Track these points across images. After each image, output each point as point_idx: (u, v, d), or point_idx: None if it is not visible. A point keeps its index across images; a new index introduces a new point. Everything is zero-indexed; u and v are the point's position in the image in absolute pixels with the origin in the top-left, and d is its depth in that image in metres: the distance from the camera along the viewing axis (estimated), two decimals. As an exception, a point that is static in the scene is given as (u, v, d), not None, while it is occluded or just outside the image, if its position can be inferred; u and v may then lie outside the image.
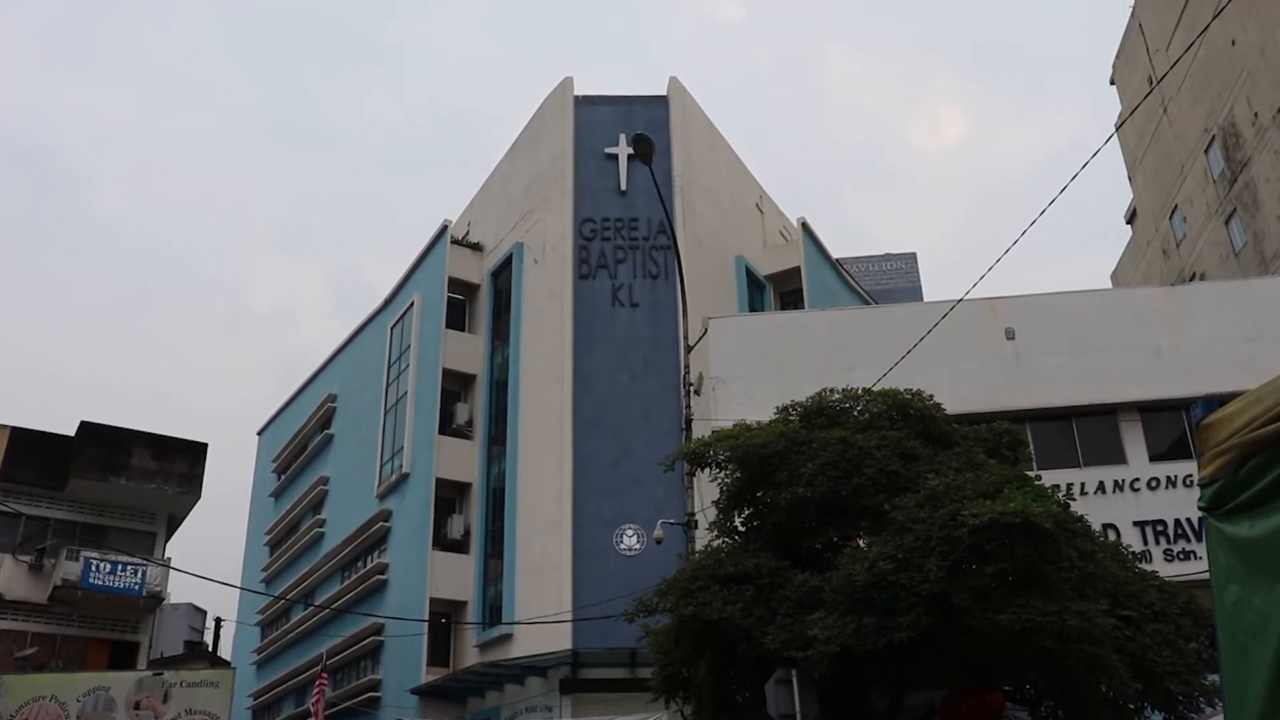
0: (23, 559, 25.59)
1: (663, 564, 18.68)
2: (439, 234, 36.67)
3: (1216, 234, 37.46)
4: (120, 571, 25.21)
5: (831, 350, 23.65)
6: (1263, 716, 2.95)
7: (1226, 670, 3.14)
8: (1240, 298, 25.14)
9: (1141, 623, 14.18)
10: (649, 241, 31.75)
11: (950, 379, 20.05)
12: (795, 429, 15.48)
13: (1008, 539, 12.21)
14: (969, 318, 22.79)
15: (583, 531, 28.15)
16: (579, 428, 29.41)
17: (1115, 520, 22.20)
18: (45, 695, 20.42)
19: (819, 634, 12.66)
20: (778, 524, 15.16)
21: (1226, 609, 3.13)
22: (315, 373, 47.39)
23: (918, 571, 12.54)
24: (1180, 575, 18.73)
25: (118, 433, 27.34)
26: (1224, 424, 3.22)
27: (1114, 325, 24.50)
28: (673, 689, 16.35)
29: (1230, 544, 3.14)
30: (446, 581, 31.50)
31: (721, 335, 24.95)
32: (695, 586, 14.17)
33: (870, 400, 16.46)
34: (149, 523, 27.90)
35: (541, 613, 25.71)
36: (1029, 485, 13.67)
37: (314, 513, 42.64)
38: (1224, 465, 3.17)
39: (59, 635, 25.72)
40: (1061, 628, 12.47)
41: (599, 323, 30.85)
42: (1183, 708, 14.23)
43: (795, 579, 13.89)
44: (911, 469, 14.51)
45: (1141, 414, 23.90)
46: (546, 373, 30.85)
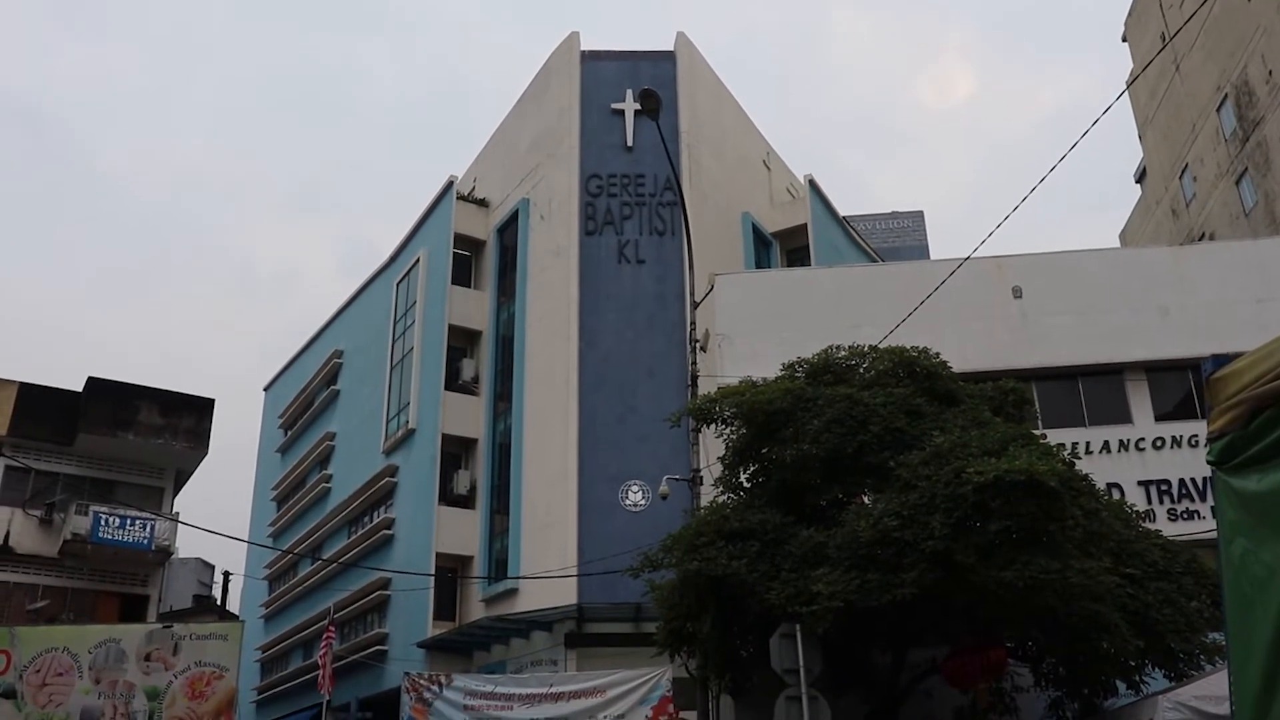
0: (33, 513, 25.77)
1: (668, 520, 18.76)
2: (444, 190, 36.51)
3: (1227, 194, 37.22)
4: (129, 526, 25.38)
5: (838, 307, 23.61)
6: (1267, 667, 2.97)
7: (1232, 622, 3.15)
8: (1250, 258, 25.01)
9: (1144, 581, 14.27)
10: (655, 198, 31.62)
11: (957, 337, 20.03)
12: (801, 386, 15.50)
13: (1012, 497, 12.26)
14: (976, 276, 22.71)
15: (588, 487, 28.25)
16: (584, 384, 29.43)
17: (1120, 479, 22.25)
18: (57, 647, 20.61)
19: (823, 589, 12.74)
20: (783, 480, 15.22)
21: (1233, 562, 3.14)
22: (321, 329, 47.41)
23: (922, 528, 12.60)
24: (1183, 534, 18.80)
25: (125, 388, 27.41)
26: (1234, 379, 3.21)
27: (1122, 285, 24.42)
28: (677, 643, 16.49)
29: (1238, 497, 3.15)
30: (452, 536, 31.68)
31: (727, 292, 24.91)
32: (700, 542, 14.25)
33: (876, 357, 16.48)
34: (157, 478, 28.04)
35: (547, 568, 25.88)
36: (1034, 444, 13.69)
37: (321, 468, 42.82)
38: (1233, 419, 3.17)
39: (69, 588, 25.95)
40: (1064, 585, 12.54)
41: (605, 279, 30.78)
42: (1183, 665, 14.34)
43: (800, 535, 13.97)
44: (917, 426, 14.55)
45: (1148, 374, 23.86)
46: (552, 329, 30.83)
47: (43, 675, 20.28)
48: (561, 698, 20.15)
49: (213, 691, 20.44)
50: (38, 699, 20.08)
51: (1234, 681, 3.15)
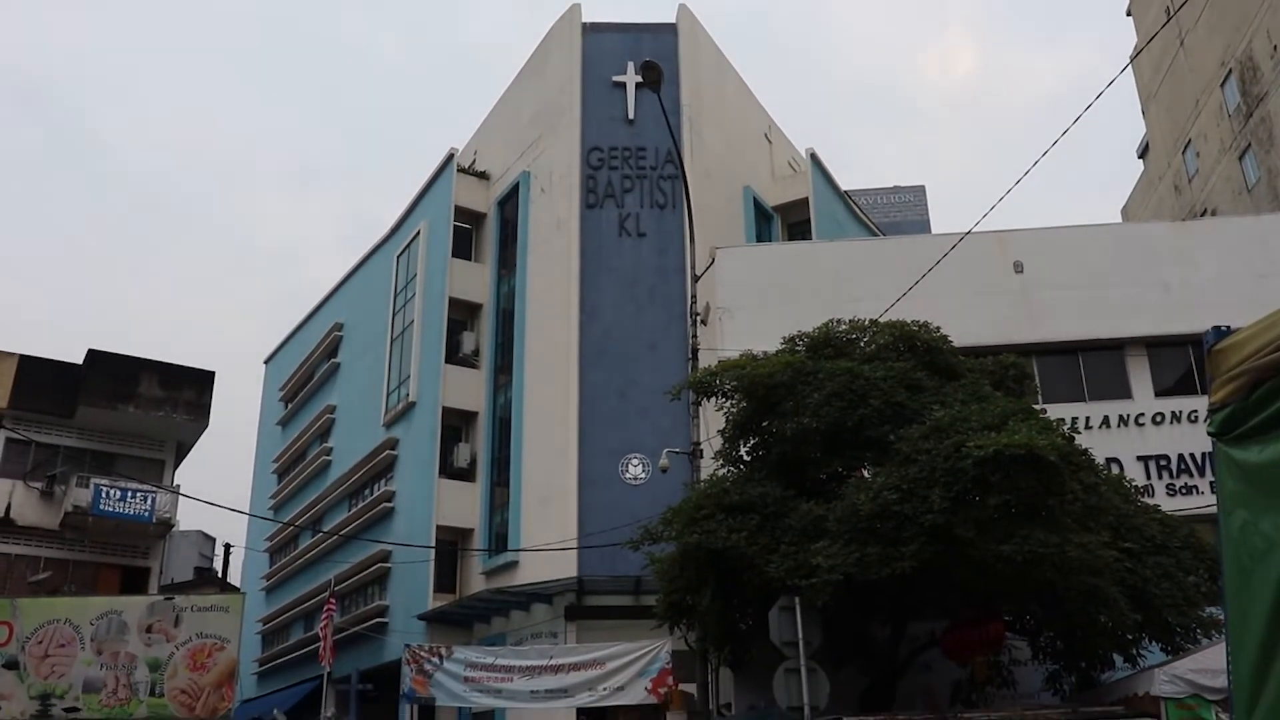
0: (34, 485, 25.81)
1: (668, 493, 18.79)
2: (445, 162, 36.40)
3: (1230, 169, 37.10)
4: (130, 498, 25.43)
5: (839, 281, 23.58)
6: (1265, 639, 2.98)
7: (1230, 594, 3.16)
8: (1251, 234, 24.97)
9: (1142, 555, 14.32)
10: (656, 171, 31.52)
11: (958, 311, 19.98)
12: (801, 359, 15.49)
13: (1012, 471, 12.27)
14: (977, 250, 22.67)
15: (588, 460, 28.30)
16: (585, 357, 29.43)
17: (1119, 454, 22.30)
18: (59, 619, 20.70)
19: (823, 563, 12.77)
20: (783, 454, 15.24)
21: (1232, 534, 3.14)
22: (322, 302, 47.38)
23: (921, 502, 12.62)
24: (1182, 509, 18.83)
25: (126, 361, 27.40)
26: (1235, 349, 3.20)
27: (1123, 260, 24.38)
28: (677, 616, 16.56)
29: (1239, 469, 3.14)
30: (453, 509, 31.76)
31: (728, 265, 24.86)
32: (700, 515, 14.27)
33: (877, 331, 16.46)
34: (158, 450, 28.08)
35: (547, 541, 25.96)
36: (1034, 418, 13.69)
37: (321, 441, 42.89)
38: (1235, 390, 3.16)
39: (71, 560, 26.02)
40: (1063, 559, 12.57)
41: (605, 252, 30.73)
42: (1180, 639, 14.41)
43: (800, 508, 13.99)
44: (917, 400, 14.55)
45: (1148, 349, 23.87)
46: (553, 302, 30.81)
47: (45, 646, 20.38)
48: (561, 670, 20.22)
49: (214, 663, 20.54)
50: (40, 670, 20.19)
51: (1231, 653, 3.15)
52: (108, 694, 20.13)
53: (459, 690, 20.91)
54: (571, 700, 20.76)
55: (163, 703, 20.09)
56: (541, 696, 20.52)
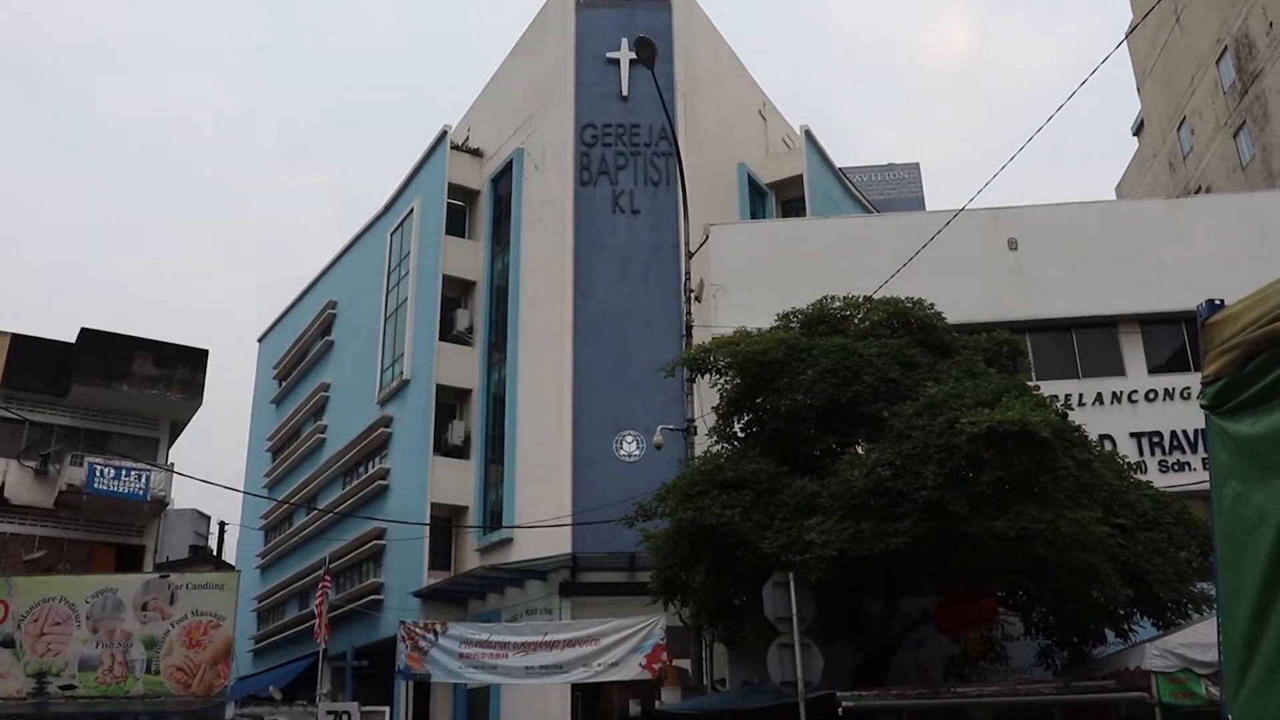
0: (28, 464, 25.80)
1: (662, 470, 18.83)
2: (438, 139, 36.28)
3: (1225, 147, 37.06)
4: (124, 477, 25.43)
5: (833, 258, 23.54)
6: (1256, 610, 3.00)
7: (1222, 566, 3.18)
8: (1246, 211, 24.96)
9: (1134, 531, 14.38)
10: (650, 148, 31.43)
11: (952, 288, 19.95)
12: (795, 336, 15.50)
13: (1005, 447, 12.30)
14: (972, 228, 22.65)
15: (583, 438, 28.34)
16: (579, 334, 29.43)
17: (1112, 431, 22.35)
18: (54, 597, 20.73)
19: (816, 539, 12.81)
20: (777, 430, 15.26)
21: (1225, 506, 3.15)
22: (315, 279, 47.26)
23: (915, 478, 12.65)
24: (1174, 486, 18.89)
25: (119, 339, 27.34)
26: (1229, 322, 3.21)
27: (1117, 237, 24.37)
28: (671, 592, 16.61)
29: (1231, 441, 3.16)
30: (447, 487, 31.80)
31: (723, 242, 24.82)
32: (694, 491, 14.31)
33: (871, 308, 16.47)
34: (151, 428, 28.06)
35: (541, 518, 26.00)
36: (1027, 395, 13.72)
37: (315, 419, 42.88)
38: (1228, 363, 3.17)
39: (66, 539, 26.04)
40: (1055, 535, 12.62)
41: (600, 229, 30.68)
42: (1171, 614, 14.48)
43: (794, 485, 14.02)
44: (911, 377, 14.57)
45: (1141, 326, 23.88)
46: (547, 279, 30.77)
47: (41, 625, 20.42)
48: (556, 646, 20.29)
49: (210, 640, 20.60)
50: (36, 648, 20.24)
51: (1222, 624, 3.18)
52: (104, 671, 20.19)
53: (454, 667, 20.99)
54: (566, 676, 20.86)
55: (159, 680, 20.15)
56: (536, 673, 20.61)
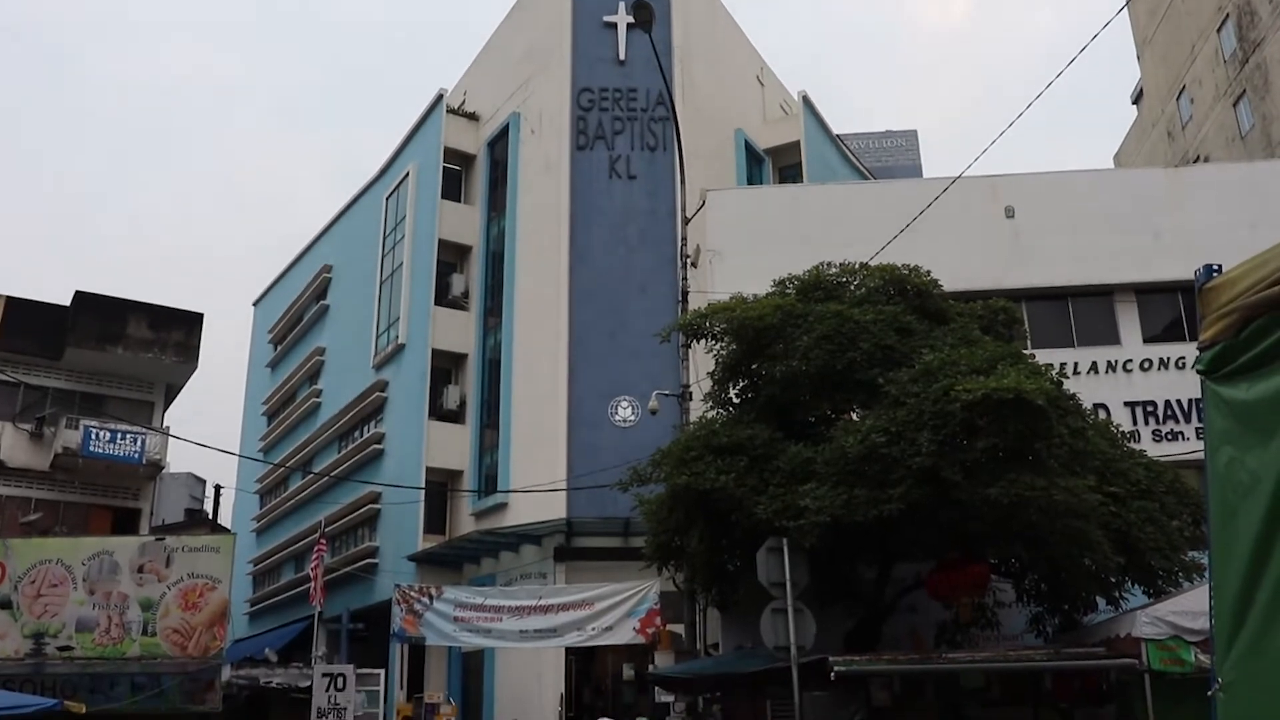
0: (23, 427, 25.78)
1: (657, 436, 18.85)
2: (434, 103, 36.08)
3: (1224, 116, 36.92)
4: (119, 440, 25.42)
5: (829, 224, 23.47)
6: (1247, 573, 3.01)
7: (1215, 531, 3.19)
8: (1244, 181, 24.89)
9: (1127, 499, 14.44)
10: (647, 113, 31.28)
11: (948, 256, 19.92)
12: (791, 302, 15.48)
13: (1000, 415, 12.33)
14: (969, 195, 22.58)
15: (578, 403, 28.37)
16: (575, 300, 29.39)
17: (1106, 400, 22.39)
18: (51, 559, 20.76)
19: (810, 504, 12.86)
20: (772, 396, 15.28)
21: (1219, 471, 3.16)
22: (310, 243, 47.11)
23: (909, 445, 12.69)
24: (1167, 455, 18.98)
25: (113, 302, 27.25)
26: (1227, 287, 3.21)
27: (1114, 206, 24.31)
28: (665, 557, 16.70)
29: (1227, 406, 3.16)
30: (442, 451, 31.86)
31: (719, 208, 24.75)
32: (689, 457, 14.34)
33: (867, 275, 16.45)
34: (147, 392, 28.02)
35: (536, 482, 26.06)
36: (1022, 362, 13.75)
37: (310, 383, 42.87)
38: (1225, 328, 3.17)
39: (62, 502, 26.07)
40: (1049, 502, 12.68)
41: (596, 194, 30.57)
42: (1162, 582, 14.59)
43: (788, 450, 14.06)
44: (906, 344, 14.58)
45: (1137, 295, 23.88)
46: (543, 245, 30.69)
47: (38, 586, 20.47)
48: (550, 610, 20.41)
49: (205, 603, 20.65)
50: (33, 609, 20.30)
51: (1214, 587, 3.19)
52: (101, 633, 20.26)
53: (449, 630, 21.11)
54: (560, 640, 20.99)
55: (155, 642, 20.23)
56: (530, 636, 20.74)
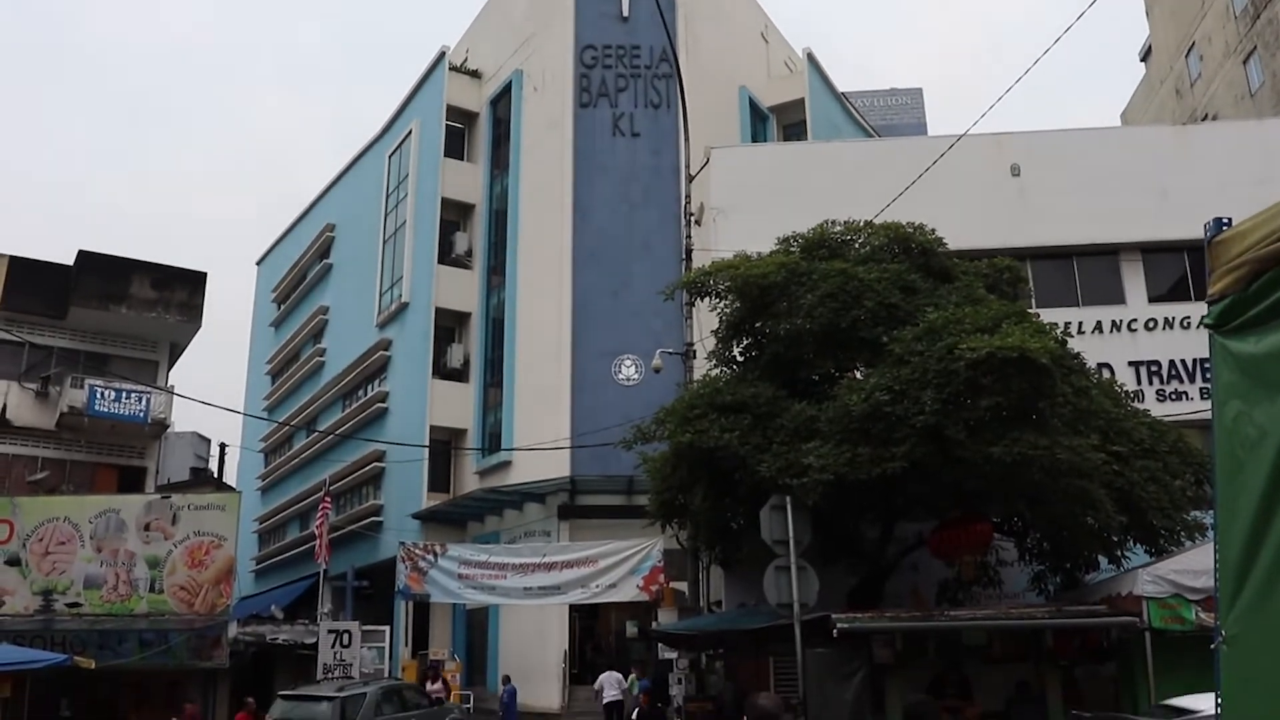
0: (29, 386, 25.81)
1: (660, 394, 18.87)
2: (436, 60, 35.82)
3: (1234, 73, 36.56)
4: (124, 399, 25.46)
5: (834, 182, 23.35)
6: (1253, 528, 3.00)
7: (1221, 485, 3.17)
8: (1252, 138, 24.69)
9: (1130, 459, 14.45)
10: (651, 70, 31.04)
11: (953, 214, 19.81)
12: (796, 260, 15.44)
13: (1004, 373, 12.32)
14: (975, 153, 22.43)
15: (582, 361, 28.38)
16: (578, 258, 29.32)
17: (1111, 359, 22.34)
18: (58, 517, 20.88)
19: (814, 462, 12.88)
20: (776, 354, 15.27)
21: (1226, 425, 3.14)
22: (313, 202, 46.96)
23: (913, 403, 12.69)
24: (1171, 415, 18.95)
25: (117, 262, 27.19)
26: (1237, 240, 3.17)
27: (1121, 165, 24.13)
28: (669, 515, 16.76)
29: (1234, 360, 3.14)
30: (446, 409, 31.92)
31: (723, 165, 24.61)
32: (693, 414, 14.36)
33: (872, 233, 16.38)
34: (151, 351, 28.03)
35: (540, 441, 26.13)
36: (1027, 321, 13.73)
37: (314, 342, 42.90)
38: (1234, 281, 3.13)
39: (68, 460, 26.14)
40: (1052, 461, 12.69)
41: (599, 152, 30.42)
42: (1164, 541, 14.62)
43: (792, 408, 14.07)
44: (911, 302, 14.55)
45: (1143, 255, 23.77)
46: (546, 203, 30.58)
47: (45, 544, 20.60)
48: (554, 567, 20.53)
49: (212, 560, 20.78)
50: (41, 567, 20.45)
51: (1219, 542, 3.18)
52: (108, 590, 20.41)
53: (453, 587, 21.25)
54: (564, 597, 21.13)
55: (163, 599, 20.38)
56: (535, 593, 20.88)
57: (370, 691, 17.95)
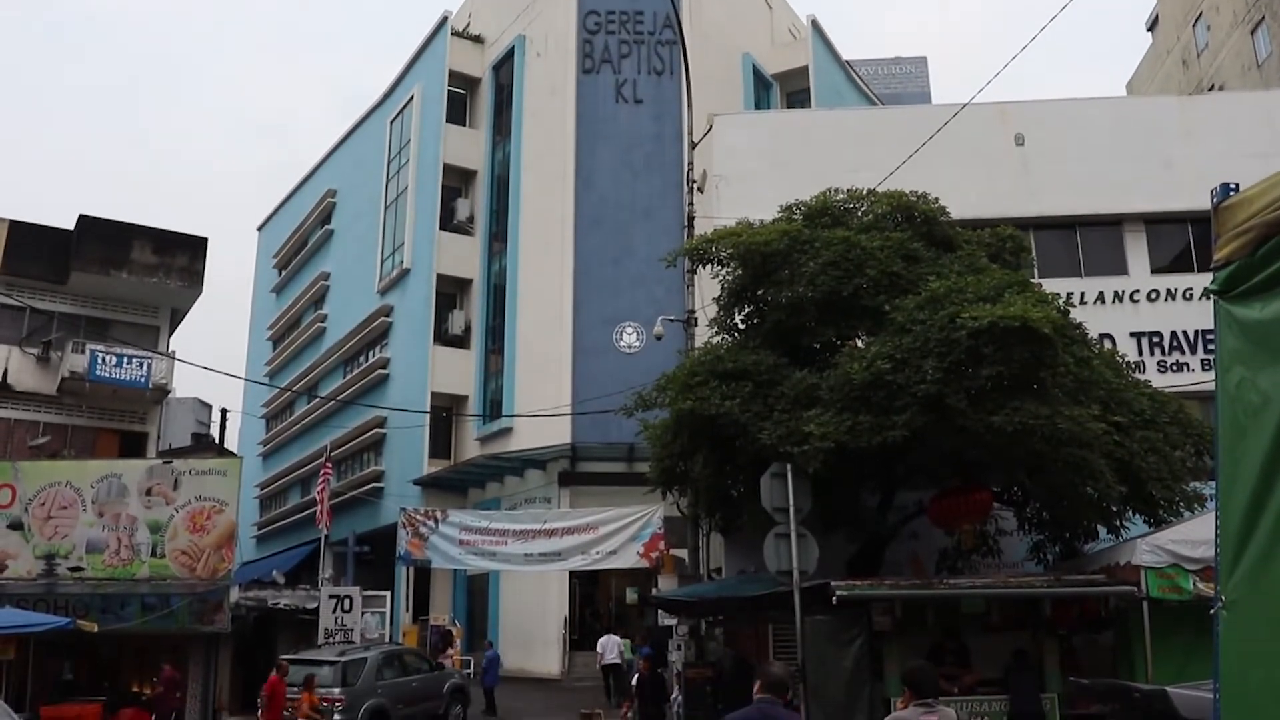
0: (29, 351, 25.78)
1: (662, 362, 18.87)
2: (438, 25, 35.62)
3: (1241, 43, 36.29)
4: (125, 364, 25.43)
5: (837, 150, 23.23)
6: (1254, 494, 3.01)
7: (1223, 450, 3.18)
8: (1258, 110, 24.51)
9: (1131, 429, 14.44)
10: (654, 36, 30.85)
11: (957, 183, 19.71)
12: (798, 228, 15.38)
13: (1006, 343, 12.29)
14: (979, 122, 22.31)
15: (583, 328, 28.37)
16: (580, 225, 29.26)
17: (1112, 330, 22.28)
18: (60, 481, 20.88)
19: (815, 430, 12.87)
20: (778, 322, 15.24)
21: (1229, 391, 3.14)
22: (315, 168, 46.82)
23: (915, 372, 12.67)
24: (1172, 386, 18.94)
25: (117, 226, 27.09)
26: (1243, 206, 3.16)
27: (1126, 135, 23.99)
28: (669, 482, 16.77)
29: (1239, 326, 3.14)
30: (447, 376, 31.96)
31: (726, 132, 24.47)
32: (694, 382, 14.34)
33: (875, 201, 16.31)
34: (152, 316, 27.97)
35: (541, 407, 26.17)
36: (1029, 291, 13.68)
37: (315, 308, 42.89)
38: (1241, 247, 3.13)
39: (69, 425, 26.15)
40: (1053, 431, 12.69)
41: (602, 119, 30.28)
42: (1163, 512, 14.64)
43: (793, 376, 14.05)
44: (913, 271, 14.50)
45: (1146, 225, 23.68)
46: (548, 169, 30.48)
47: (48, 508, 20.63)
48: (555, 534, 20.61)
49: (213, 525, 20.81)
50: (44, 531, 20.48)
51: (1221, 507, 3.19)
52: (111, 554, 20.46)
53: (454, 553, 21.33)
54: (565, 563, 21.23)
55: (164, 563, 20.43)
56: (535, 560, 20.97)
57: (371, 656, 18.10)
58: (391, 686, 17.93)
